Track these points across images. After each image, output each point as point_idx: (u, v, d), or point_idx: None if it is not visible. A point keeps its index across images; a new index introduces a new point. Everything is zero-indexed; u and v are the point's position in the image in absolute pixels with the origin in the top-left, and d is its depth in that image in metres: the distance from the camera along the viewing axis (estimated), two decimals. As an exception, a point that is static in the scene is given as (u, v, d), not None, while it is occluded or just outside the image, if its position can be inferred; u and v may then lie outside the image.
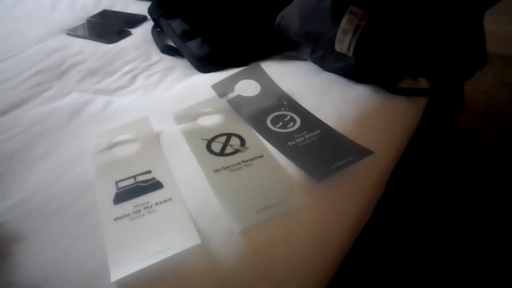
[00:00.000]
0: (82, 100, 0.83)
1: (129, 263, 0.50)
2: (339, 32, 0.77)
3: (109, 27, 1.14)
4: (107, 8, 1.26)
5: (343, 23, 0.76)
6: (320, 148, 0.66)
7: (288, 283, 0.54)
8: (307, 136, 0.68)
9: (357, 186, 0.66)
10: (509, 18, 1.78)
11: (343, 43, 0.77)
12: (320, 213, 0.60)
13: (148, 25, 1.12)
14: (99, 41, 1.06)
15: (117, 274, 0.49)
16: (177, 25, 1.01)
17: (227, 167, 0.63)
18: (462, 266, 1.00)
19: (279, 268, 0.54)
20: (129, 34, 1.09)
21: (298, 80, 0.84)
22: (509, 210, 1.14)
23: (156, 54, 1.00)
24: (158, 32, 1.06)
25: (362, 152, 0.65)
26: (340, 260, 0.64)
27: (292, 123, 0.71)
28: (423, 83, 0.88)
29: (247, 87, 0.81)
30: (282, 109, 0.75)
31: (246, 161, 0.64)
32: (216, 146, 0.67)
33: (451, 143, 1.33)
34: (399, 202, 1.03)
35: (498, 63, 1.81)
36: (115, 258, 0.51)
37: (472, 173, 1.28)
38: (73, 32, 1.11)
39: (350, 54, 0.77)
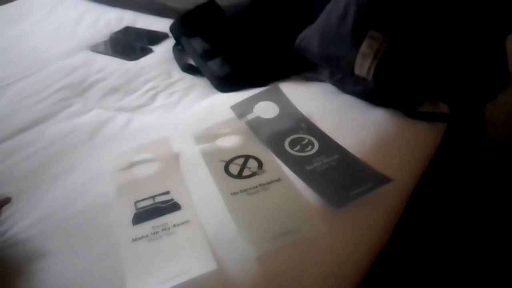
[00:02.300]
0: (104, 118, 0.85)
1: (146, 286, 0.51)
2: (359, 56, 0.77)
3: (131, 43, 1.16)
4: (130, 24, 1.29)
5: (363, 47, 0.76)
6: (338, 174, 0.65)
7: (304, 311, 0.54)
8: (325, 161, 0.68)
9: (375, 213, 0.65)
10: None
11: (362, 67, 0.77)
12: (337, 241, 0.59)
13: (170, 42, 1.13)
14: (121, 58, 1.08)
15: (134, 296, 0.49)
16: (198, 44, 1.02)
17: (244, 190, 0.64)
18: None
19: (294, 295, 0.53)
20: (150, 51, 1.11)
21: (317, 102, 0.84)
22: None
23: (177, 73, 1.01)
24: (179, 50, 1.08)
25: (381, 179, 0.65)
26: (356, 286, 0.63)
27: (310, 147, 0.71)
28: (443, 108, 0.87)
29: (266, 109, 0.81)
30: (300, 132, 0.75)
31: (263, 184, 0.65)
32: (234, 168, 0.68)
33: (472, 166, 1.30)
34: (417, 226, 1.02)
35: (520, 84, 1.78)
36: (133, 280, 0.52)
37: (493, 195, 1.25)
38: (96, 49, 1.14)
39: (370, 78, 0.77)
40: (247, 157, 0.70)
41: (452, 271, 1.03)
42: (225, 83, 0.93)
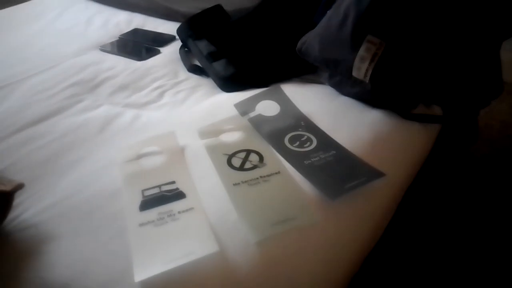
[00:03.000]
0: (113, 113, 0.89)
1: (152, 266, 0.54)
2: (357, 59, 0.81)
3: (139, 45, 1.21)
4: (139, 26, 1.33)
5: (361, 51, 0.80)
6: (334, 168, 0.69)
7: (298, 294, 0.57)
8: (322, 156, 0.72)
9: (369, 207, 0.69)
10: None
11: (360, 70, 0.81)
12: (332, 231, 0.63)
13: (176, 44, 1.18)
14: (130, 57, 1.13)
15: (140, 275, 0.53)
16: (203, 46, 1.06)
17: (245, 181, 0.67)
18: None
19: (290, 279, 0.57)
20: (158, 52, 1.16)
21: (316, 102, 0.88)
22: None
23: (183, 73, 1.05)
24: (186, 52, 1.12)
25: (375, 174, 0.69)
26: (349, 278, 0.66)
27: (308, 143, 0.75)
28: (437, 110, 0.91)
29: (268, 107, 0.85)
30: (300, 129, 0.79)
31: (264, 176, 0.68)
32: (236, 161, 0.72)
33: (463, 169, 1.34)
34: (410, 223, 1.05)
35: (516, 93, 1.82)
36: (139, 261, 0.55)
37: (483, 200, 1.28)
38: (105, 48, 1.19)
39: (367, 80, 0.81)
40: (248, 151, 0.74)
41: (444, 267, 1.06)
42: (229, 83, 0.97)
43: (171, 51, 1.16)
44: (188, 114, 0.88)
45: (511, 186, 1.33)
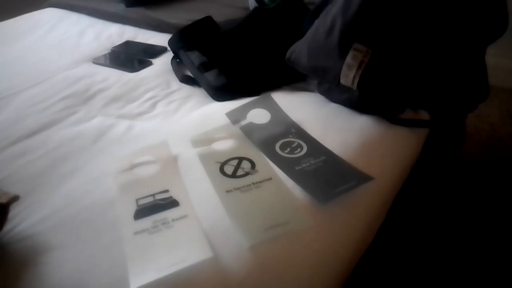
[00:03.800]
0: (106, 124, 0.90)
1: (147, 273, 0.55)
2: (344, 67, 0.83)
3: (131, 56, 1.22)
4: (130, 39, 1.35)
5: (348, 58, 0.82)
6: (324, 173, 0.71)
7: (291, 298, 0.58)
8: (312, 162, 0.73)
9: (360, 210, 0.70)
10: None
11: (348, 77, 0.83)
12: (324, 234, 0.64)
13: (168, 56, 1.19)
14: (122, 69, 1.14)
15: (136, 282, 0.54)
16: (195, 57, 1.08)
17: (238, 188, 0.69)
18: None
19: (284, 283, 0.58)
20: (150, 64, 1.17)
21: (306, 110, 0.90)
22: (512, 240, 1.16)
23: (175, 83, 1.06)
24: (177, 63, 1.14)
25: (364, 178, 0.70)
26: (343, 281, 0.67)
27: (299, 149, 0.77)
28: (424, 114, 0.93)
29: (259, 115, 0.87)
30: (290, 136, 0.80)
31: (256, 183, 0.70)
32: (229, 169, 0.73)
33: (453, 173, 1.36)
34: (401, 227, 1.06)
35: (504, 96, 1.86)
36: (135, 268, 0.56)
37: (474, 202, 1.30)
38: (98, 61, 1.20)
39: (354, 87, 0.83)
40: (240, 159, 0.75)
41: (435, 269, 1.07)
42: (220, 93, 0.98)
43: (163, 62, 1.17)
44: (180, 123, 0.89)
45: (501, 189, 1.35)
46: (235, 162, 0.74)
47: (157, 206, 0.67)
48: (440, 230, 1.21)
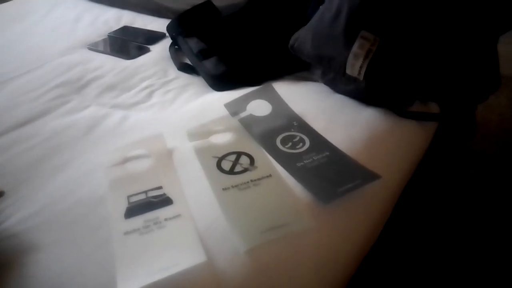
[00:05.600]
0: (100, 114, 0.86)
1: (136, 278, 0.52)
2: (350, 56, 0.78)
3: (129, 43, 1.18)
4: (128, 24, 1.30)
5: (355, 47, 0.78)
6: (327, 170, 0.67)
7: (291, 305, 0.55)
8: (315, 158, 0.69)
9: (364, 210, 0.67)
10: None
11: (354, 67, 0.79)
12: (326, 236, 0.61)
13: (167, 42, 1.15)
14: (118, 56, 1.10)
15: (124, 287, 0.50)
16: (194, 43, 1.04)
17: (235, 186, 0.65)
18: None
19: (283, 288, 0.55)
20: (147, 50, 1.13)
21: (309, 101, 0.85)
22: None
23: (173, 71, 1.02)
24: (176, 50, 1.09)
25: (370, 176, 0.66)
26: (345, 283, 0.64)
27: (301, 144, 0.73)
28: (434, 107, 0.89)
29: (259, 107, 0.83)
30: (292, 129, 0.76)
31: (255, 180, 0.66)
32: (226, 164, 0.69)
33: (462, 165, 1.32)
34: (407, 224, 1.03)
35: (514, 86, 1.80)
36: (123, 272, 0.53)
37: (483, 196, 1.27)
38: (94, 47, 1.16)
39: (361, 78, 0.78)
40: (239, 154, 0.71)
41: (443, 268, 1.04)
42: (220, 82, 0.94)
43: (161, 49, 1.13)
44: (177, 114, 0.85)
45: (510, 181, 1.31)
46: (233, 157, 0.71)
47: (149, 204, 0.63)
48: (447, 226, 1.17)
